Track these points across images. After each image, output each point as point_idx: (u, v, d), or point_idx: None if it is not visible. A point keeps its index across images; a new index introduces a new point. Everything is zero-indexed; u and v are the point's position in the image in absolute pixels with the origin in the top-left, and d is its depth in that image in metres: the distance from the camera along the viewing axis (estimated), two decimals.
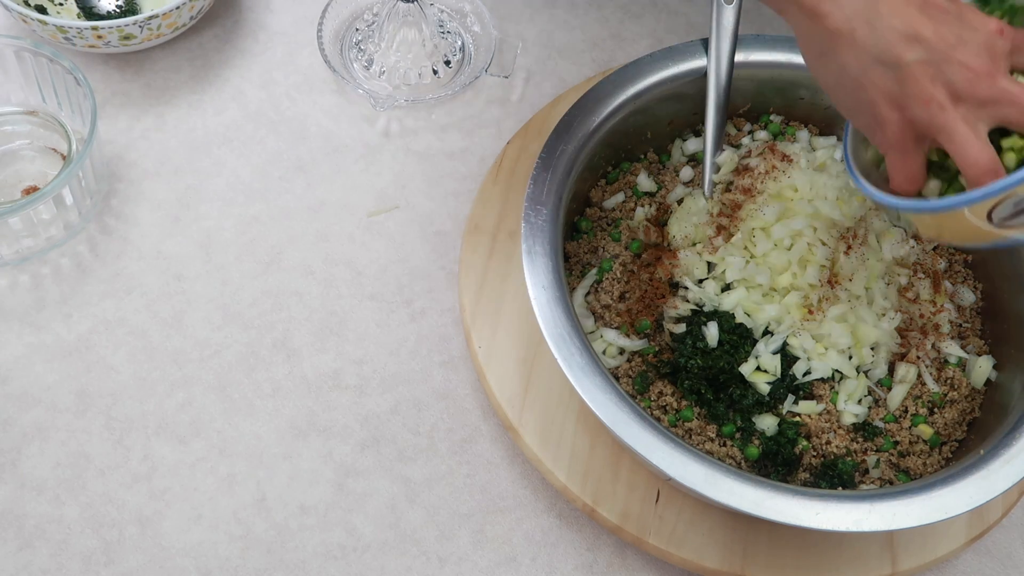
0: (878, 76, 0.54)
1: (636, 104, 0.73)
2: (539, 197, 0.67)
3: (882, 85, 0.54)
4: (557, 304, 0.63)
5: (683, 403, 0.67)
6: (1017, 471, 0.59)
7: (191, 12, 0.82)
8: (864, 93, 0.55)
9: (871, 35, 0.54)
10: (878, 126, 0.56)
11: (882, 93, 0.55)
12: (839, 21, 0.55)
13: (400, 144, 0.83)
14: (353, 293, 0.76)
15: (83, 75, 0.74)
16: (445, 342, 0.74)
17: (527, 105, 0.86)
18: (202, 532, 0.66)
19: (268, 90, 0.85)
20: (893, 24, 0.54)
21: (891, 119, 0.55)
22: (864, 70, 0.55)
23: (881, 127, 0.56)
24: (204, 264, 0.76)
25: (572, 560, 0.67)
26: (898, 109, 0.54)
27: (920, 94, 0.53)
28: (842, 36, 0.55)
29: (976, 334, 0.72)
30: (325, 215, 0.79)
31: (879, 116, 0.55)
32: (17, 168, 0.77)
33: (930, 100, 0.53)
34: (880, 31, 0.54)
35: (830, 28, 0.55)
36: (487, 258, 0.75)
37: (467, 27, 0.89)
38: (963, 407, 0.69)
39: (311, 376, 0.72)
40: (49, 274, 0.75)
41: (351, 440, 0.70)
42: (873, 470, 0.67)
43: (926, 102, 0.53)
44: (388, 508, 0.68)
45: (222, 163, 0.81)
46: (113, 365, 0.71)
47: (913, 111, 0.54)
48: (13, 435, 0.68)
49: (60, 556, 0.65)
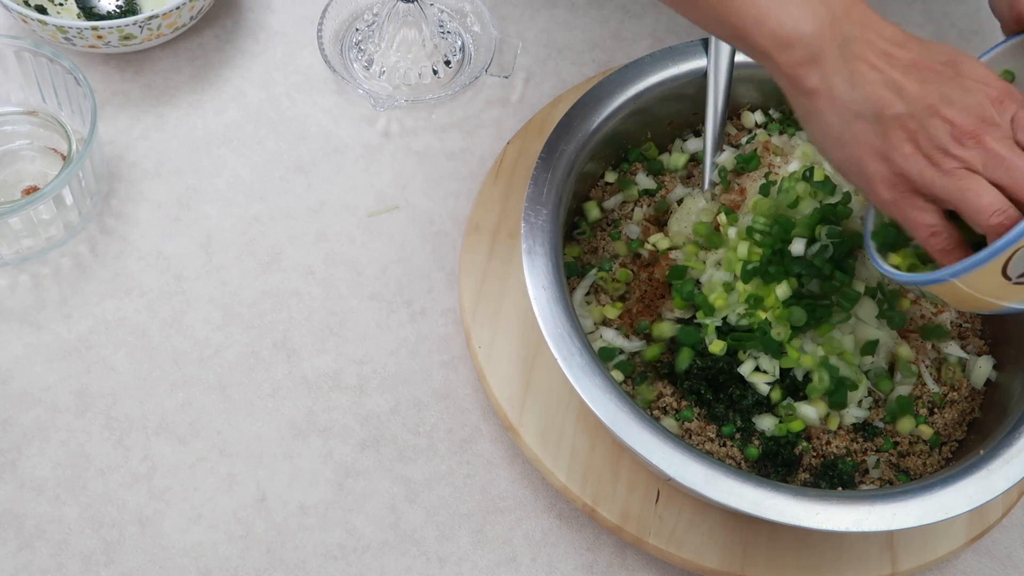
0: (860, 131, 0.53)
1: (636, 104, 0.73)
2: (539, 197, 0.67)
3: (865, 139, 0.53)
4: (557, 304, 0.63)
5: (683, 403, 0.67)
6: (1017, 471, 0.59)
7: (191, 12, 0.82)
8: (849, 149, 0.54)
9: (850, 91, 0.53)
10: (868, 182, 0.54)
11: (866, 148, 0.53)
12: (815, 81, 0.54)
13: (400, 144, 0.83)
14: (353, 293, 0.76)
15: (83, 75, 0.74)
16: (445, 342, 0.74)
17: (527, 105, 0.86)
18: (202, 532, 0.66)
19: (268, 90, 0.85)
20: (873, 79, 0.53)
21: (880, 173, 0.53)
22: (846, 125, 0.53)
23: (871, 183, 0.54)
24: (204, 264, 0.76)
25: (572, 560, 0.67)
26: (885, 163, 0.53)
27: (904, 149, 0.52)
28: (819, 95, 0.54)
29: (976, 334, 0.72)
30: (325, 215, 0.79)
31: (867, 172, 0.54)
32: (17, 168, 0.77)
33: (913, 155, 0.52)
34: (859, 87, 0.53)
35: (807, 89, 0.54)
36: (487, 258, 0.75)
37: (467, 27, 0.89)
38: (963, 407, 0.69)
39: (311, 376, 0.72)
40: (49, 274, 0.75)
41: (351, 440, 0.70)
42: (873, 470, 0.67)
43: (909, 156, 0.52)
44: (388, 508, 0.68)
45: (222, 163, 0.81)
46: (113, 365, 0.71)
47: (900, 165, 0.52)
48: (13, 435, 0.68)
49: (60, 556, 0.65)
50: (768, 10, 0.54)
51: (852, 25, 0.54)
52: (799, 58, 0.54)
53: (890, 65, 0.53)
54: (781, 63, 0.55)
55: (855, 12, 0.54)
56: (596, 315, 0.71)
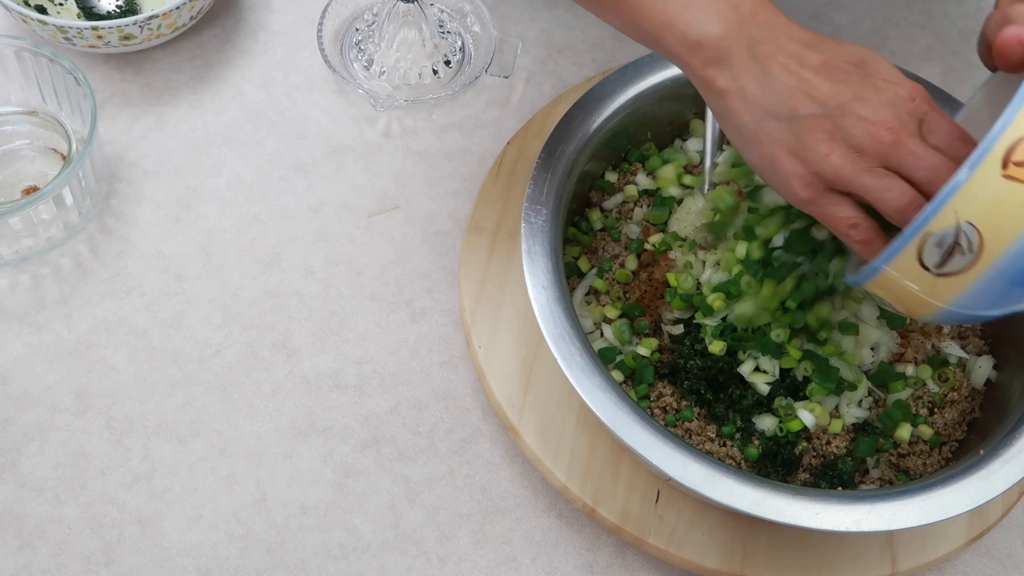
0: (773, 130, 0.53)
1: (636, 104, 0.73)
2: (539, 197, 0.67)
3: (779, 138, 0.53)
4: (557, 304, 0.63)
5: (683, 403, 0.67)
6: (1017, 471, 0.59)
7: (191, 12, 0.82)
8: (763, 148, 0.54)
9: (760, 91, 0.53)
10: (784, 181, 0.54)
11: (780, 146, 0.53)
12: (725, 82, 0.54)
13: (400, 144, 0.83)
14: (353, 293, 0.76)
15: (83, 75, 0.74)
16: (445, 342, 0.74)
17: (527, 105, 0.86)
18: (202, 532, 0.66)
19: (268, 90, 0.85)
20: (785, 81, 0.53)
21: (795, 172, 0.53)
22: (759, 124, 0.54)
23: (787, 182, 0.54)
24: (204, 264, 0.76)
25: (572, 560, 0.67)
26: (801, 162, 0.53)
27: (819, 149, 0.52)
28: (730, 95, 0.54)
29: (976, 334, 0.72)
30: (325, 215, 0.79)
31: (782, 171, 0.54)
32: (17, 168, 0.77)
33: (829, 155, 0.52)
34: (770, 87, 0.53)
35: (718, 89, 0.55)
36: (487, 258, 0.75)
37: (467, 27, 0.89)
38: (963, 407, 0.69)
39: (311, 376, 0.72)
40: (49, 274, 0.75)
41: (351, 440, 0.70)
42: (873, 470, 0.67)
43: (824, 155, 0.52)
44: (388, 508, 0.68)
45: (222, 163, 0.81)
46: (113, 365, 0.71)
47: (816, 164, 0.52)
48: (13, 435, 0.68)
49: (60, 556, 0.65)
50: (677, 14, 0.55)
51: (760, 27, 0.55)
52: (708, 59, 0.55)
53: (800, 65, 0.53)
54: (692, 65, 0.55)
55: (763, 15, 0.55)
56: (596, 315, 0.71)
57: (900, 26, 0.95)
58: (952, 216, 0.50)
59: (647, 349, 0.68)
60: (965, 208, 0.50)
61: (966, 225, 0.50)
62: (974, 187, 0.49)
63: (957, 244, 0.50)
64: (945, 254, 0.51)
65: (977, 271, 0.51)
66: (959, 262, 0.51)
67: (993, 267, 0.51)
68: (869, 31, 0.94)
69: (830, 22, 0.94)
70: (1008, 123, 0.49)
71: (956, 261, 0.51)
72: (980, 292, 0.52)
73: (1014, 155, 0.49)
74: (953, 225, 0.50)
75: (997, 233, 0.50)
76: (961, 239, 0.50)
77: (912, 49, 0.93)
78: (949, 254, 0.51)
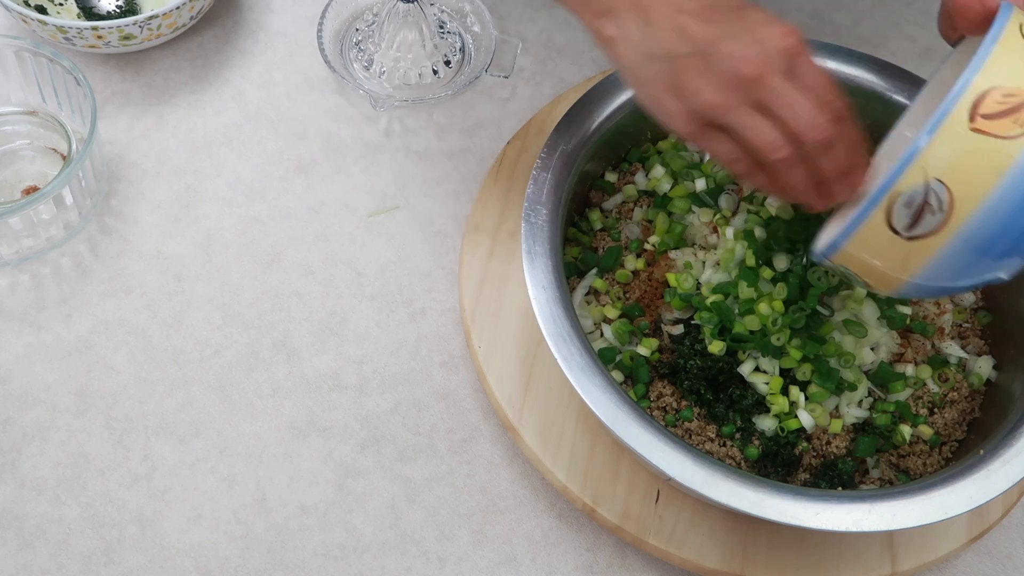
0: (655, 71, 0.57)
1: (636, 104, 0.73)
2: (539, 197, 0.67)
3: (659, 79, 0.57)
4: (557, 304, 0.63)
5: (683, 403, 0.67)
6: (1017, 471, 0.59)
7: (191, 12, 0.82)
8: (648, 88, 0.58)
9: (642, 37, 0.57)
10: (669, 119, 0.57)
11: (661, 87, 0.57)
12: (612, 30, 0.58)
13: (400, 144, 0.83)
14: (353, 293, 0.76)
15: (83, 75, 0.74)
16: (445, 342, 0.74)
17: (527, 105, 0.86)
18: (202, 532, 0.66)
19: (268, 90, 0.85)
20: (663, 25, 0.56)
21: (676, 109, 0.56)
22: (643, 66, 0.57)
23: (671, 119, 0.57)
24: (204, 264, 0.76)
25: (572, 560, 0.67)
26: (680, 99, 0.56)
27: (692, 86, 0.55)
28: (616, 41, 0.58)
29: (976, 334, 0.72)
30: (325, 215, 0.79)
31: (666, 109, 0.57)
32: (17, 168, 0.77)
33: (701, 91, 0.55)
34: (651, 33, 0.57)
35: (607, 37, 0.59)
36: (487, 258, 0.75)
37: (467, 27, 0.89)
38: (963, 407, 0.69)
39: (311, 376, 0.72)
40: (49, 274, 0.75)
41: (351, 440, 0.70)
42: (873, 470, 0.67)
43: (697, 92, 0.55)
44: (388, 508, 0.68)
45: (222, 163, 0.81)
46: (113, 365, 0.71)
47: (691, 101, 0.55)
48: (13, 435, 0.68)
49: (60, 556, 0.65)
50: None
51: None
52: (597, 11, 0.59)
53: (678, 12, 0.56)
54: (584, 17, 0.60)
55: None
56: (596, 315, 0.71)
57: (900, 26, 0.95)
58: (920, 173, 0.48)
59: (647, 349, 0.68)
60: (933, 164, 0.48)
61: (935, 183, 0.48)
62: (942, 142, 0.48)
63: (927, 203, 0.49)
64: (915, 215, 0.49)
65: (948, 232, 0.49)
66: (930, 223, 0.49)
67: (965, 227, 0.49)
68: (869, 31, 0.94)
69: (830, 22, 0.94)
70: (973, 76, 0.48)
71: (927, 222, 0.49)
72: (952, 256, 0.51)
73: (981, 108, 0.48)
74: (922, 183, 0.48)
75: (967, 190, 0.48)
76: (931, 198, 0.49)
77: (912, 49, 0.93)
78: (919, 215, 0.49)
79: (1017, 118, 0.48)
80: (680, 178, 0.74)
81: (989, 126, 0.48)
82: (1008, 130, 0.48)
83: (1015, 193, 0.49)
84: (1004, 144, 0.48)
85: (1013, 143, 0.48)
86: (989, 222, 0.49)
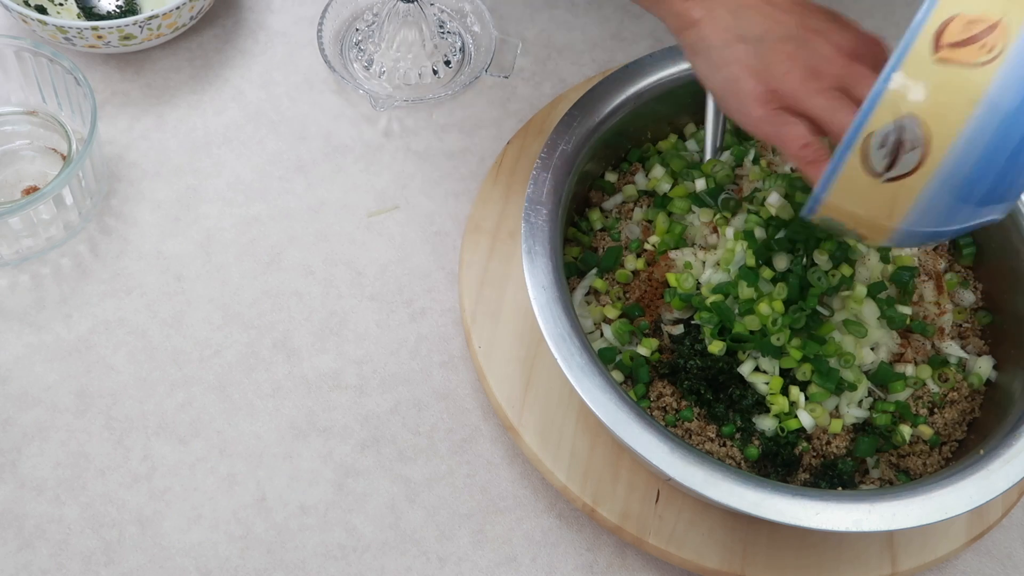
0: (741, 52, 0.58)
1: (636, 104, 0.73)
2: (539, 197, 0.67)
3: (743, 60, 0.58)
4: (557, 304, 0.63)
5: (683, 403, 0.67)
6: (1017, 471, 0.59)
7: (191, 12, 0.82)
8: (727, 69, 0.58)
9: (734, 19, 0.58)
10: (741, 101, 0.58)
11: (743, 67, 0.57)
12: (700, 12, 0.59)
13: (400, 144, 0.83)
14: (353, 293, 0.76)
15: (83, 75, 0.74)
16: (445, 342, 0.74)
17: (527, 105, 0.86)
18: (202, 532, 0.66)
19: (268, 90, 0.85)
20: (756, 11, 0.58)
21: (754, 91, 0.57)
22: (727, 47, 0.58)
23: (744, 101, 0.58)
24: (204, 264, 0.76)
25: (572, 560, 0.67)
26: (761, 81, 0.57)
27: (780, 68, 0.56)
28: (703, 23, 0.59)
29: (976, 334, 0.72)
30: (325, 215, 0.79)
31: (742, 91, 0.58)
32: (17, 168, 0.77)
33: (789, 72, 0.56)
34: (743, 15, 0.58)
35: (692, 20, 0.60)
36: (487, 258, 0.75)
37: (467, 27, 0.89)
38: (963, 407, 0.69)
39: (311, 376, 0.72)
40: (49, 274, 0.75)
41: (351, 440, 0.70)
42: (873, 470, 0.67)
43: (784, 74, 0.56)
44: (388, 508, 0.68)
45: (222, 163, 0.81)
46: (113, 365, 0.71)
47: (775, 82, 0.57)
48: (13, 435, 0.68)
49: (60, 556, 0.65)
50: None
51: None
52: None
53: (770, 4, 0.59)
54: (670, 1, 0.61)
55: None
56: (596, 315, 0.71)
57: (900, 26, 0.95)
58: (890, 111, 0.47)
59: (647, 349, 0.68)
60: (902, 100, 0.47)
61: (908, 119, 0.47)
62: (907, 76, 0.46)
63: (902, 141, 0.47)
64: (891, 154, 0.47)
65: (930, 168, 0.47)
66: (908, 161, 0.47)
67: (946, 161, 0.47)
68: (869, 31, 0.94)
69: None
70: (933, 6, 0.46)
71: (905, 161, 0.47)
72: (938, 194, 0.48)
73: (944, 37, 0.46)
74: (892, 121, 0.47)
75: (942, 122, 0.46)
76: (905, 135, 0.47)
77: None
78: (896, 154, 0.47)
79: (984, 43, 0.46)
80: (680, 178, 0.74)
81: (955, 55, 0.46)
82: (976, 56, 0.47)
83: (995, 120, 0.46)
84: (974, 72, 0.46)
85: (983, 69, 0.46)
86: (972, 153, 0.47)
